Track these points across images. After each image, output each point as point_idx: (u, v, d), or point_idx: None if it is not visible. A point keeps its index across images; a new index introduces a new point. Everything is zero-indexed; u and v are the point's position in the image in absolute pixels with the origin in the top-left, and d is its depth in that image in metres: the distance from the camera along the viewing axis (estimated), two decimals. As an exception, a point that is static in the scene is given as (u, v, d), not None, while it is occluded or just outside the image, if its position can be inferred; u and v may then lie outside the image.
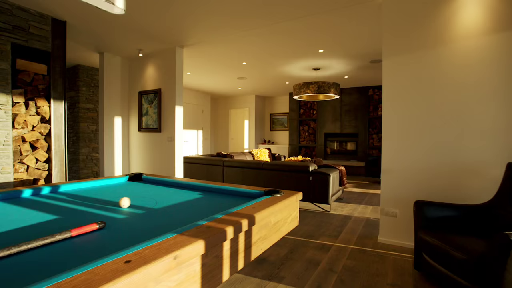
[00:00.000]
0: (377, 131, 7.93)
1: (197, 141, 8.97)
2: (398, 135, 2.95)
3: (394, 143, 2.97)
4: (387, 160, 3.00)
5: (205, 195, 1.92)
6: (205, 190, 2.06)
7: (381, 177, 3.07)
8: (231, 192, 1.95)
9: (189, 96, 8.64)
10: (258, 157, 7.51)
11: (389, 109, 3.00)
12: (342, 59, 5.37)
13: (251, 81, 7.46)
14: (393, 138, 2.98)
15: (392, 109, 2.98)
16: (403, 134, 2.93)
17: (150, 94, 5.11)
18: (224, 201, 1.72)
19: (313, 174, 4.27)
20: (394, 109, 2.97)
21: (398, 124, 2.95)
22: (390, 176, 2.97)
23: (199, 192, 2.00)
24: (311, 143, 8.96)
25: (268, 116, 10.19)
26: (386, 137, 3.02)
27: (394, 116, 2.98)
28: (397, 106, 2.95)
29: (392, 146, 2.98)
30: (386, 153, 3.01)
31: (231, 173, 5.07)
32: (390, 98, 3.00)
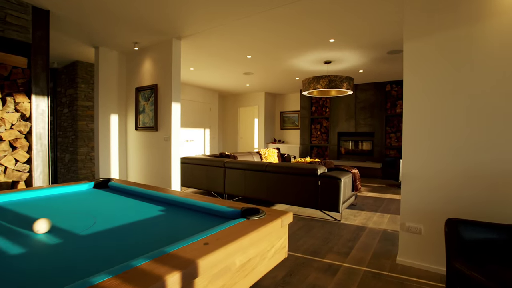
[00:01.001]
0: (395, 130, 7.28)
1: (204, 140, 8.61)
2: (422, 134, 2.42)
3: (417, 144, 2.44)
4: (408, 164, 2.47)
5: (167, 212, 1.49)
6: (171, 205, 1.64)
7: (401, 185, 2.54)
8: (200, 209, 1.52)
9: (195, 93, 8.28)
10: (266, 157, 7.04)
11: (412, 103, 2.47)
12: (356, 50, 4.81)
13: (258, 77, 7.00)
14: (415, 138, 2.45)
15: (415, 103, 2.45)
16: (429, 133, 2.39)
17: (146, 90, 4.76)
18: (185, 224, 1.29)
19: (322, 178, 3.77)
20: (418, 102, 2.44)
21: (422, 121, 2.42)
22: (412, 184, 2.44)
23: (162, 208, 1.58)
24: (324, 143, 8.40)
25: (279, 114, 9.69)
26: (407, 137, 2.49)
27: (417, 111, 2.44)
28: (422, 99, 2.42)
29: (414, 147, 2.45)
30: (407, 156, 2.48)
31: (233, 176, 4.64)
32: (414, 89, 2.46)
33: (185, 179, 5.35)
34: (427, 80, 2.39)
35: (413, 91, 2.46)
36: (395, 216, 3.97)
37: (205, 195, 5.19)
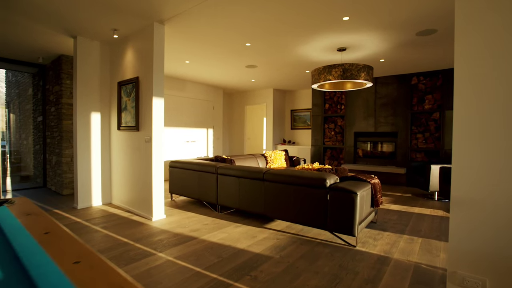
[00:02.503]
0: (422, 129, 6.27)
1: (206, 141, 7.92)
2: (488, 137, 1.56)
3: (477, 153, 1.59)
4: (461, 181, 1.62)
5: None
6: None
7: (450, 212, 1.69)
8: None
9: (196, 90, 7.60)
10: (272, 160, 6.25)
11: (471, 89, 1.61)
12: (376, 32, 3.93)
13: (263, 71, 6.21)
14: (474, 144, 1.60)
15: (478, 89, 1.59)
16: (496, 138, 1.53)
17: (128, 84, 4.10)
18: None
19: (332, 191, 2.93)
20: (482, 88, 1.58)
21: (489, 116, 1.56)
22: (469, 213, 1.59)
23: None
24: (338, 144, 7.49)
25: (289, 113, 8.86)
26: (461, 140, 1.64)
27: (480, 102, 1.59)
28: (491, 82, 1.56)
29: (473, 158, 1.60)
30: (460, 167, 1.63)
31: (226, 184, 3.88)
32: (476, 68, 1.61)
33: (175, 186, 4.65)
34: (494, 56, 1.53)
35: (475, 71, 1.61)
36: (429, 241, 3.07)
37: (197, 205, 4.48)
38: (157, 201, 3.73)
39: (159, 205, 3.76)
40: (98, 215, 3.95)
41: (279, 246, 2.89)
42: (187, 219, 3.73)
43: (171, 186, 4.72)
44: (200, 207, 4.32)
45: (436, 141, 6.11)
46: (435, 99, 6.07)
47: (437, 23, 3.61)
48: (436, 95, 6.06)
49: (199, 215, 3.91)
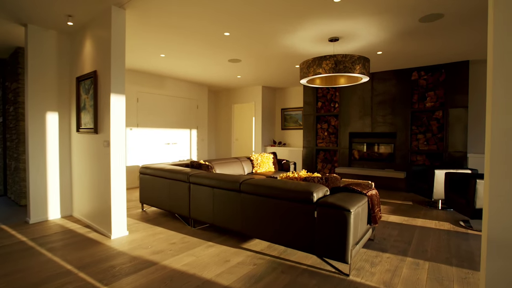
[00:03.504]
0: (424, 129, 5.79)
1: (190, 143, 7.37)
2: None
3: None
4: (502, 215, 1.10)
5: None
6: None
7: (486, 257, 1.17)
8: None
9: (178, 88, 7.05)
10: (258, 164, 5.73)
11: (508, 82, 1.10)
12: (372, 18, 3.43)
13: (249, 66, 5.69)
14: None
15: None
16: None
17: (86, 79, 3.55)
18: None
19: (321, 206, 2.42)
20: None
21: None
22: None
23: None
24: (332, 146, 6.99)
25: (279, 112, 8.34)
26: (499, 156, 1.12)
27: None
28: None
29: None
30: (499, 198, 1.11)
31: (199, 195, 3.35)
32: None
33: (146, 195, 4.11)
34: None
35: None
36: (438, 266, 2.57)
37: (169, 217, 3.93)
38: (117, 215, 3.19)
39: (119, 220, 3.22)
40: (50, 232, 3.40)
41: (255, 275, 2.37)
42: (152, 237, 3.20)
43: (142, 195, 4.18)
44: (172, 220, 3.79)
45: (439, 143, 5.64)
46: (438, 96, 5.60)
47: (444, 6, 3.12)
48: (438, 91, 5.59)
49: (168, 231, 3.37)
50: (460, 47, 4.48)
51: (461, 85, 5.31)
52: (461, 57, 5.10)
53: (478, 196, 3.39)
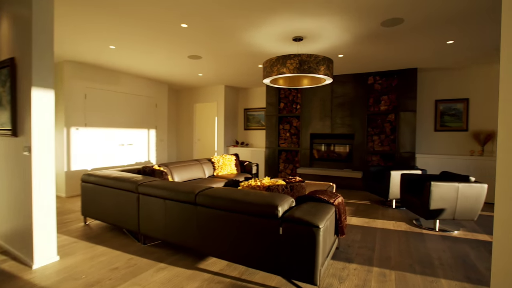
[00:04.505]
0: (378, 131, 5.76)
1: (148, 144, 6.61)
2: None
3: None
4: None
5: None
6: None
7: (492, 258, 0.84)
8: None
9: (134, 85, 6.25)
10: (220, 167, 5.24)
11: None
12: (338, 17, 3.12)
13: (210, 64, 5.15)
14: None
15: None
16: None
17: (2, 69, 2.75)
18: None
19: (287, 222, 2.03)
20: None
21: None
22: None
23: None
24: (294, 146, 6.74)
25: (242, 112, 7.90)
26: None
27: None
28: None
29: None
30: None
31: (149, 207, 2.77)
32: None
33: (89, 207, 3.40)
34: None
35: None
36: (404, 275, 2.34)
37: (116, 232, 3.25)
38: (42, 236, 2.48)
39: (46, 242, 2.51)
40: (-44, 259, 2.57)
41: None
42: (91, 261, 2.55)
43: (85, 207, 3.45)
44: (119, 236, 3.14)
45: (391, 144, 5.64)
46: (391, 100, 5.59)
47: (404, 11, 2.91)
48: (391, 96, 5.58)
49: (112, 251, 2.75)
50: (413, 55, 4.42)
51: (410, 91, 5.34)
52: (411, 65, 5.10)
53: (432, 198, 3.28)
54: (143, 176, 3.14)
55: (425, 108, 5.62)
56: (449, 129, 5.45)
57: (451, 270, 2.47)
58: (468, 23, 3.23)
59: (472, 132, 5.25)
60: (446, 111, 5.46)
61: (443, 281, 2.27)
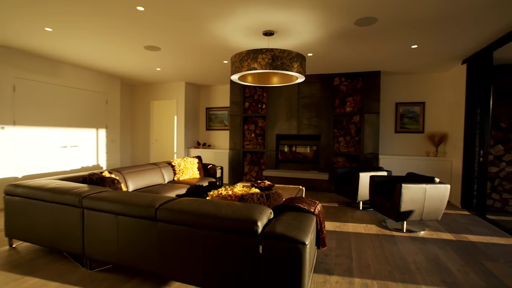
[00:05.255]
0: (343, 132, 5.82)
1: (96, 146, 5.84)
2: None
3: None
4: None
5: None
6: None
7: None
8: None
9: (79, 77, 5.46)
10: (181, 171, 4.80)
11: None
12: (312, 11, 2.96)
13: (170, 56, 4.68)
14: None
15: None
16: None
17: None
18: None
19: (268, 239, 1.76)
20: None
21: None
22: None
23: None
24: (259, 148, 6.53)
25: (204, 111, 7.47)
26: None
27: None
28: None
29: None
30: None
31: (98, 225, 2.29)
32: None
33: (16, 225, 2.75)
34: None
35: None
36: (386, 284, 2.23)
37: (54, 256, 2.57)
38: None
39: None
40: None
41: None
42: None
43: (10, 226, 2.78)
44: (58, 262, 2.57)
45: (356, 145, 5.74)
46: (356, 101, 5.69)
47: (378, 10, 2.85)
48: (356, 97, 5.68)
49: (47, 283, 2.20)
50: (378, 57, 4.49)
51: (374, 93, 5.48)
52: (375, 67, 5.23)
53: (403, 200, 3.30)
54: (90, 186, 2.62)
55: (387, 110, 5.83)
56: (408, 131, 5.72)
57: (428, 274, 2.44)
58: (433, 29, 3.31)
59: (428, 134, 5.57)
60: (405, 114, 5.73)
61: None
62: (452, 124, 5.16)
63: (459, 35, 3.54)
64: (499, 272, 2.52)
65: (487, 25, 3.22)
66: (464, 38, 3.62)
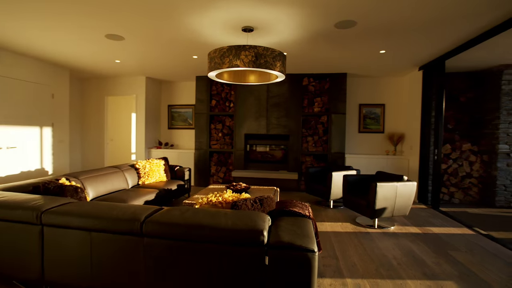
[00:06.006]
0: (312, 132, 5.97)
1: (40, 147, 5.06)
2: None
3: None
4: None
5: None
6: None
7: None
8: None
9: (20, 66, 4.66)
10: (147, 174, 4.42)
11: None
12: (298, 10, 2.91)
13: (134, 48, 4.24)
14: None
15: None
16: None
17: None
18: None
19: (275, 249, 1.65)
20: None
21: None
22: None
23: None
24: (227, 148, 6.35)
25: (166, 109, 7.01)
26: None
27: None
28: None
29: None
30: None
31: (64, 245, 1.93)
32: None
33: None
34: None
35: None
36: (377, 282, 2.30)
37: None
38: None
39: None
40: None
41: None
42: None
43: None
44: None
45: (324, 145, 5.93)
46: (324, 102, 5.86)
47: (358, 13, 2.92)
48: (324, 98, 5.85)
49: (-6, 318, 1.78)
50: (348, 60, 4.67)
51: (341, 94, 5.71)
52: (342, 70, 5.45)
53: (378, 198, 3.47)
54: (47, 198, 2.20)
55: (351, 111, 6.13)
56: (370, 131, 6.09)
57: (409, 268, 2.58)
58: (403, 36, 3.53)
59: (387, 134, 6.01)
60: (368, 115, 6.09)
61: (409, 282, 2.34)
62: (408, 125, 5.63)
63: (424, 44, 3.84)
64: (464, 260, 2.79)
65: (446, 36, 3.54)
66: (429, 46, 3.94)
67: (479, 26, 3.22)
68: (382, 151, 6.04)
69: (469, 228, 3.76)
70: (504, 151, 4.90)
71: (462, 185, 5.23)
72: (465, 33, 3.42)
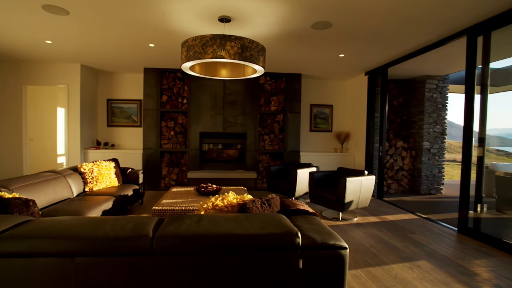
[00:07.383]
0: (268, 131, 6.01)
1: None
2: None
3: None
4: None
5: None
6: None
7: None
8: None
9: None
10: (95, 179, 3.75)
11: None
12: (280, 5, 2.85)
13: (77, 26, 3.51)
14: None
15: None
16: None
17: None
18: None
19: (308, 250, 1.55)
20: None
21: None
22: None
23: None
24: (180, 147, 5.89)
25: (105, 103, 6.08)
26: None
27: None
28: None
29: None
30: None
31: (30, 280, 1.41)
32: None
33: None
34: None
35: None
36: (368, 270, 2.42)
37: None
38: None
39: None
40: None
41: None
42: None
43: None
44: None
45: (280, 143, 6.04)
46: (280, 101, 5.97)
47: (336, 15, 3.04)
48: (280, 97, 5.97)
49: None
50: (307, 60, 4.86)
51: (296, 94, 5.92)
52: (297, 70, 5.65)
53: (347, 192, 3.70)
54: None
55: (304, 111, 6.41)
56: (320, 130, 6.49)
57: (388, 254, 2.81)
58: (364, 42, 3.84)
59: (335, 133, 6.50)
60: (318, 115, 6.47)
61: (394, 266, 2.54)
62: (354, 124, 6.20)
63: (378, 52, 4.25)
64: (423, 241, 3.19)
65: (394, 48, 4.01)
66: (379, 54, 4.38)
67: (422, 41, 3.74)
68: (331, 149, 6.51)
69: (412, 213, 4.34)
70: (426, 147, 5.84)
71: (397, 177, 6.03)
72: (410, 46, 3.93)
